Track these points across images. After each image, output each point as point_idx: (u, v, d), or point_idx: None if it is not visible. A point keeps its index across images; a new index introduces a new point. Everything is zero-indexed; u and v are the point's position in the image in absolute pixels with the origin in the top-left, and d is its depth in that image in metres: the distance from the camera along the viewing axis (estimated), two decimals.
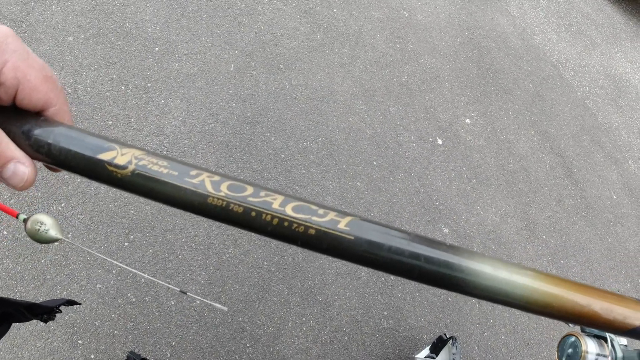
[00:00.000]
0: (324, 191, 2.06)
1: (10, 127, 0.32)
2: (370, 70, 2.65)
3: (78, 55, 1.97)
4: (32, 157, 0.33)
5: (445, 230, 2.23)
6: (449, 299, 2.04)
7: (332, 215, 0.32)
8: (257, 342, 1.63)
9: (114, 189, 1.71)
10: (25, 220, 0.83)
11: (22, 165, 0.32)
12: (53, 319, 0.86)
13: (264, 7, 2.58)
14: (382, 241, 0.31)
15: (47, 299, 1.41)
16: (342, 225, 0.31)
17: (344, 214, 0.32)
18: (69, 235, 1.58)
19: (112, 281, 1.55)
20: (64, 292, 1.48)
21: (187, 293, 0.58)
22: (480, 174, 2.56)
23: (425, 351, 1.76)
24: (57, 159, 0.32)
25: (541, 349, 2.11)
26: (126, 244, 1.63)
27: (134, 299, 1.55)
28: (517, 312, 2.13)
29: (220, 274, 1.70)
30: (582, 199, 2.85)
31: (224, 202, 0.31)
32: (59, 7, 2.06)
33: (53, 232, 0.81)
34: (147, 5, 2.27)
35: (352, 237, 0.31)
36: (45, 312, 0.83)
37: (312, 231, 0.31)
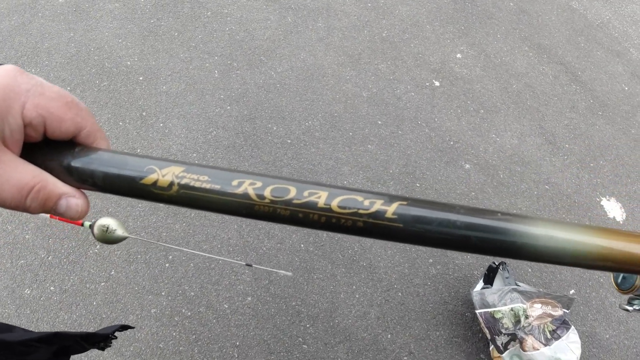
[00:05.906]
0: (338, 163, 2.07)
1: (51, 163, 0.33)
2: (349, 36, 2.64)
3: None
4: (79, 188, 0.34)
5: (467, 166, 2.22)
6: None
7: (378, 204, 0.32)
8: (316, 321, 1.66)
9: (142, 219, 1.75)
10: (91, 227, 0.87)
11: (72, 198, 0.33)
12: (110, 346, 0.89)
13: (229, 9, 2.59)
14: (432, 220, 0.32)
15: (101, 327, 1.46)
16: (390, 214, 0.31)
17: (392, 199, 0.32)
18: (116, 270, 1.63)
19: (164, 302, 1.60)
20: None
21: (253, 265, 0.60)
22: (486, 103, 2.54)
23: (480, 284, 1.77)
24: (102, 188, 0.34)
25: None
26: (167, 264, 1.67)
27: (189, 313, 1.60)
28: None
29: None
30: (595, 98, 2.79)
31: (270, 208, 0.32)
32: (38, 69, 2.11)
33: (120, 232, 0.86)
34: (120, 41, 2.31)
35: (401, 225, 0.32)
36: (101, 340, 0.87)
37: (360, 224, 0.32)
